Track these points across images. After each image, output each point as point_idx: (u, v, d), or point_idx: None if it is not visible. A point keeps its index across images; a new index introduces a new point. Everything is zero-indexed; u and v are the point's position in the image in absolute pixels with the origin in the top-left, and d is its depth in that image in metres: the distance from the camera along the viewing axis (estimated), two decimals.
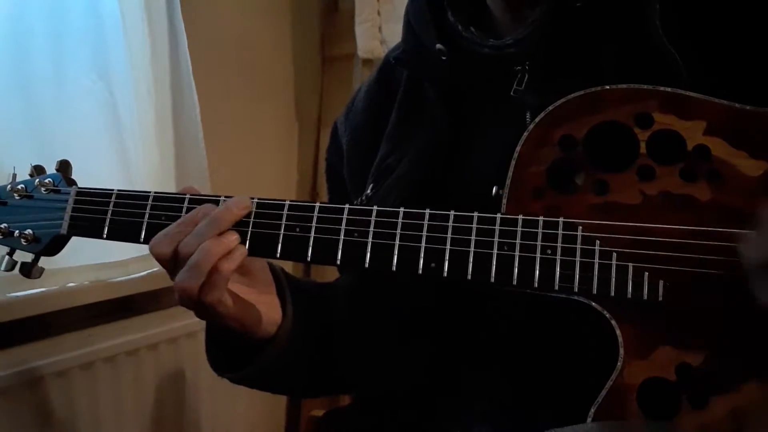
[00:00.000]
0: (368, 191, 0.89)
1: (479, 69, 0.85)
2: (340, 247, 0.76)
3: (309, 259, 0.77)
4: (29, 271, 0.87)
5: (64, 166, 0.88)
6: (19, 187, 0.87)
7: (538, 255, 0.71)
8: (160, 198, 0.82)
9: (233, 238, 0.77)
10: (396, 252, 0.74)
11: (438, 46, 0.85)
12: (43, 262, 0.88)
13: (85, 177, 0.90)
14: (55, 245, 0.86)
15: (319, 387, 1.00)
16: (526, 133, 0.74)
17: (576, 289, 0.70)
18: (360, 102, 0.99)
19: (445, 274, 0.73)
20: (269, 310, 0.84)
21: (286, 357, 0.86)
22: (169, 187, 1.59)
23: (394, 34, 1.33)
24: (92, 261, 1.40)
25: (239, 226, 0.78)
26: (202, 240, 0.75)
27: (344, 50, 2.12)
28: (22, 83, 1.32)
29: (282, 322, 0.85)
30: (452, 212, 0.74)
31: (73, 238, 0.87)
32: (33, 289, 1.30)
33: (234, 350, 0.86)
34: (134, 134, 1.48)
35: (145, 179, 1.50)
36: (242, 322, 0.81)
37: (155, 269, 1.52)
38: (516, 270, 0.71)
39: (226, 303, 0.77)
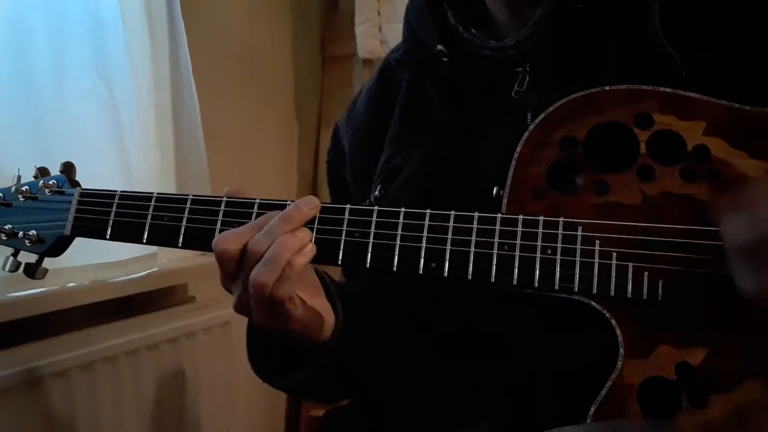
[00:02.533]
0: (376, 192, 0.89)
1: (480, 70, 0.85)
2: (341, 247, 0.76)
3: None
4: (33, 271, 0.88)
5: (68, 168, 0.88)
6: (23, 188, 0.87)
7: (538, 255, 0.71)
8: (163, 199, 0.82)
9: (306, 233, 0.76)
10: (397, 252, 0.74)
11: (439, 47, 0.85)
12: (45, 262, 0.88)
13: (85, 177, 0.90)
14: (59, 246, 0.87)
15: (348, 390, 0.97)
16: (526, 134, 0.74)
17: (576, 289, 0.70)
18: (361, 104, 0.99)
19: (446, 274, 0.73)
20: (325, 313, 0.82)
21: (340, 359, 0.84)
22: (169, 187, 1.59)
23: (394, 34, 1.33)
24: (92, 261, 1.39)
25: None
26: (273, 237, 0.74)
27: (344, 50, 2.13)
28: (22, 83, 1.32)
29: (335, 325, 0.83)
30: (452, 212, 0.74)
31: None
32: (33, 289, 1.30)
33: (273, 356, 0.84)
34: (134, 134, 1.48)
35: (145, 179, 1.50)
36: (305, 324, 0.79)
37: (155, 269, 1.52)
38: (516, 270, 0.71)
39: (296, 301, 0.76)
